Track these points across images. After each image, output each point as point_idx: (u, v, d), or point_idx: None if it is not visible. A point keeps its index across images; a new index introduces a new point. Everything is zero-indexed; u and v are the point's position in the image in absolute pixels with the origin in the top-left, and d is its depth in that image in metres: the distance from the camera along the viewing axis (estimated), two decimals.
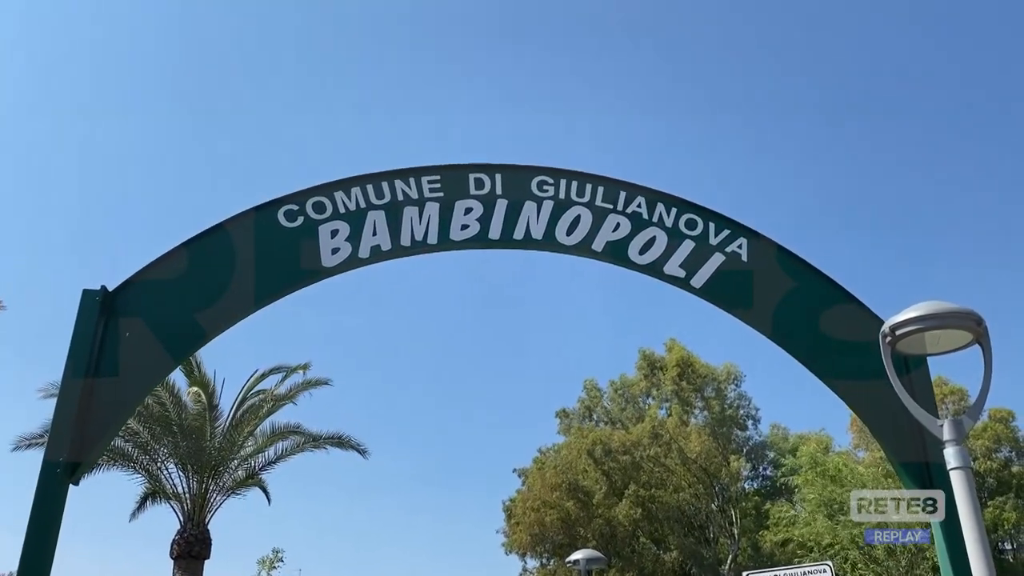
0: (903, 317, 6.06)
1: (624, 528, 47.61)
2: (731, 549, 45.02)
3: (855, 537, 22.65)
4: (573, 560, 13.08)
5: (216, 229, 7.94)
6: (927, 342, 6.10)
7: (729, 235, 7.89)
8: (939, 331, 5.96)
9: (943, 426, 5.88)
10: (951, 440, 5.84)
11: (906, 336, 6.03)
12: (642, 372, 56.83)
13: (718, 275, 7.81)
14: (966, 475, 5.74)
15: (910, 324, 6.08)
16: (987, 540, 5.96)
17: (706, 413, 52.45)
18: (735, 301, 7.89)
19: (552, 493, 48.06)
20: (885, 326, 6.10)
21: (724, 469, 48.70)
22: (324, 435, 23.25)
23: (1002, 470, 47.54)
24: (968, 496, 5.72)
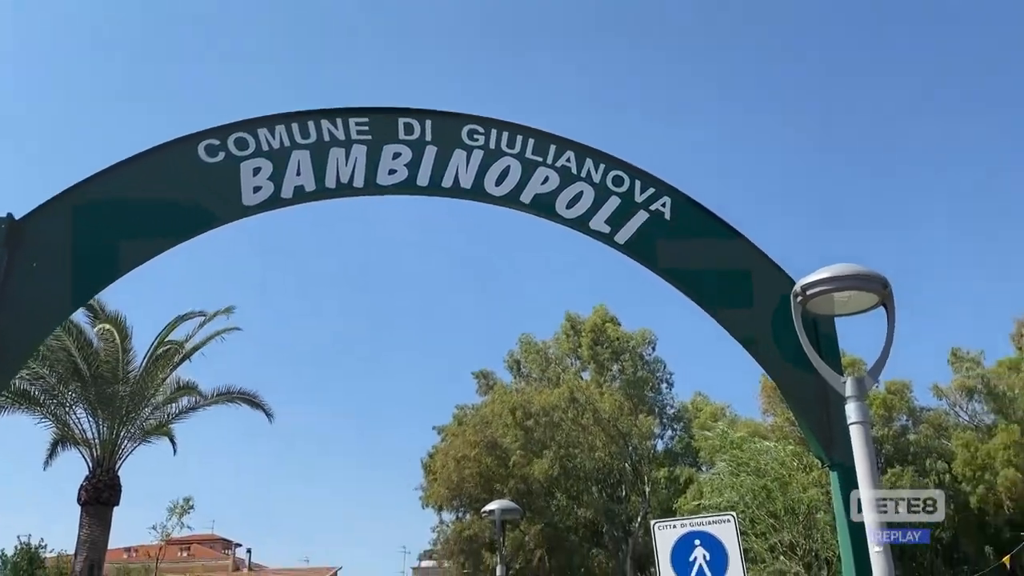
0: (814, 278, 6.24)
1: (540, 485, 48.49)
2: (642, 507, 46.38)
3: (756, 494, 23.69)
4: (488, 510, 13.23)
5: (132, 160, 7.62)
6: (836, 303, 6.30)
7: (654, 193, 8.00)
8: (847, 292, 6.16)
9: (846, 383, 6.10)
10: (853, 396, 6.08)
11: (816, 296, 6.20)
12: (565, 334, 57.67)
13: (641, 232, 7.92)
14: (864, 429, 6.00)
15: (820, 285, 6.26)
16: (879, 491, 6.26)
17: (623, 376, 53.62)
18: (657, 258, 8.03)
19: (471, 450, 48.54)
20: (796, 286, 6.28)
21: (635, 429, 49.97)
22: (236, 390, 22.82)
23: (898, 438, 50.14)
24: (865, 449, 5.98)
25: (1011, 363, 49.92)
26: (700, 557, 8.02)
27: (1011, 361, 49.99)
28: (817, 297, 6.23)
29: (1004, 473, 44.04)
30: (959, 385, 51.37)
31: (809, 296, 6.23)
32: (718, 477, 25.94)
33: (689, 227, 7.98)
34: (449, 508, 49.79)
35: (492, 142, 8.00)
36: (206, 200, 7.61)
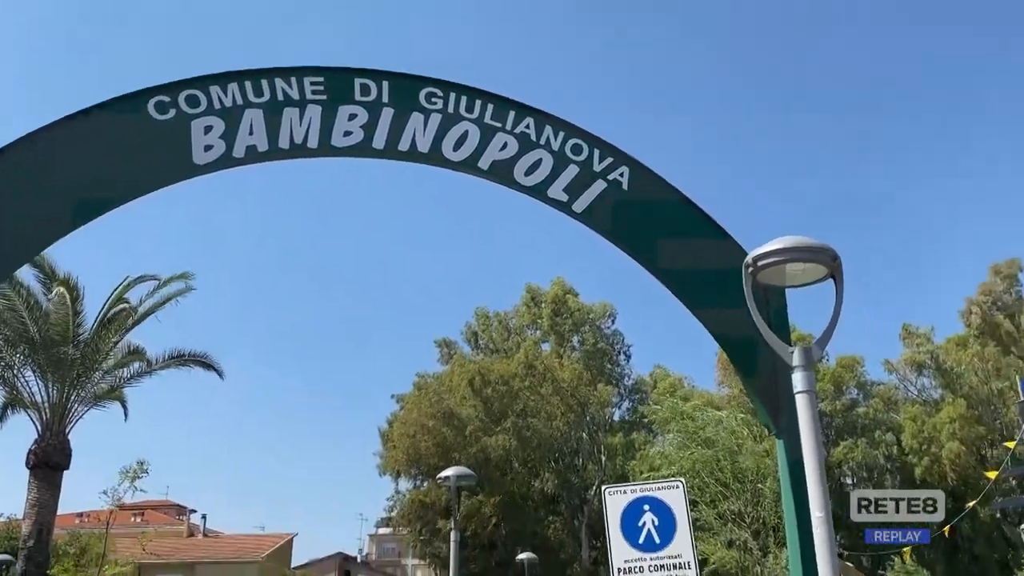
0: (765, 249, 6.28)
1: (498, 454, 48.84)
2: (598, 475, 47.00)
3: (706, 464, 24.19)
4: (443, 477, 13.27)
5: (79, 116, 7.39)
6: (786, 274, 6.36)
7: (612, 163, 7.99)
8: (798, 264, 6.23)
9: (793, 353, 6.17)
10: (799, 366, 6.15)
11: (767, 267, 6.26)
12: (525, 305, 57.93)
13: (599, 201, 7.93)
14: (810, 399, 6.08)
15: (771, 256, 6.30)
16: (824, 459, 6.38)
17: (582, 347, 54.11)
18: (613, 229, 8.06)
19: (429, 419, 48.69)
20: (748, 257, 6.32)
21: (593, 398, 50.51)
22: (186, 353, 22.49)
23: (848, 411, 51.35)
24: (810, 418, 6.07)
25: (960, 340, 51.22)
26: (649, 522, 8.15)
27: (960, 338, 51.29)
28: (768, 268, 6.28)
29: (949, 446, 45.39)
30: (909, 360, 52.67)
31: (760, 267, 6.28)
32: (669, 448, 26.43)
33: (646, 197, 8.00)
34: (407, 476, 50.04)
35: (451, 106, 7.90)
36: (155, 158, 7.41)
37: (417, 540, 50.15)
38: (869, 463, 48.91)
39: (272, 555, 42.84)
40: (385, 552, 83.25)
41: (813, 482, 6.15)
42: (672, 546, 8.02)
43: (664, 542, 8.04)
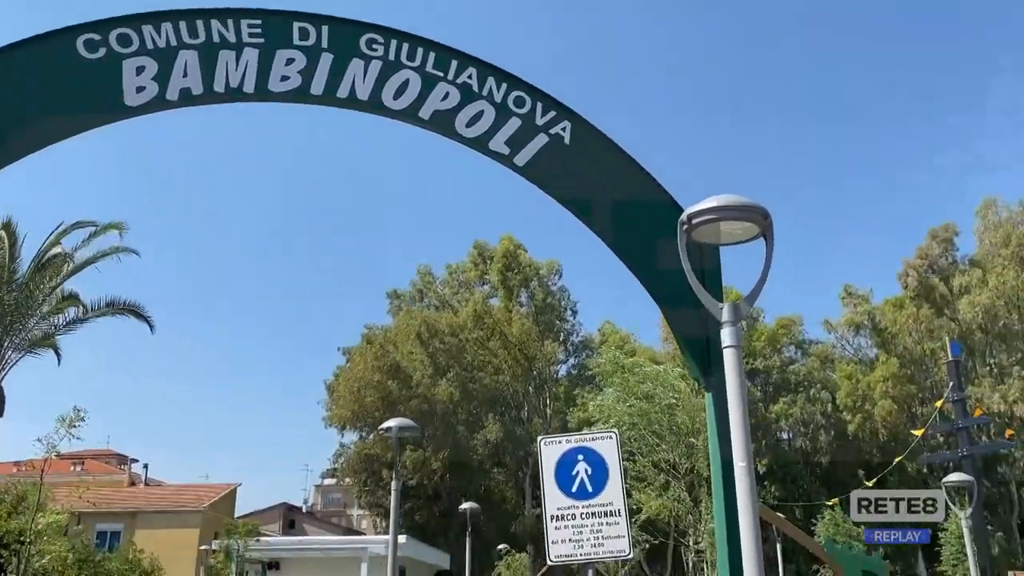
0: (699, 207, 6.36)
1: (444, 406, 49.17)
2: (543, 428, 47.64)
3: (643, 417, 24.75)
4: (385, 428, 13.32)
5: (2, 52, 7.07)
6: (720, 232, 6.47)
7: (555, 117, 7.96)
8: (731, 222, 6.34)
9: (723, 309, 6.29)
10: (728, 321, 6.27)
11: (701, 225, 6.35)
12: (473, 261, 58.01)
13: (540, 155, 7.91)
14: (737, 353, 6.22)
15: (705, 214, 6.38)
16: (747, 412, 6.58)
17: (530, 303, 54.50)
18: (554, 183, 8.07)
19: (375, 372, 48.70)
20: (683, 215, 6.40)
21: (540, 353, 51.03)
22: (120, 302, 22.10)
23: (786, 368, 52.77)
24: (736, 372, 6.21)
25: (897, 301, 52.75)
26: (582, 471, 8.33)
27: (897, 300, 52.82)
28: (702, 226, 6.37)
29: (881, 404, 47.04)
30: (847, 320, 54.17)
31: (694, 225, 6.37)
32: (609, 400, 26.92)
33: (587, 153, 8.00)
34: (352, 428, 50.17)
35: (391, 53, 7.76)
36: (84, 98, 7.17)
37: (362, 491, 50.48)
38: (806, 419, 50.48)
39: (215, 505, 42.67)
40: (330, 502, 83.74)
41: (737, 433, 6.34)
42: (604, 494, 8.23)
43: (596, 490, 8.25)
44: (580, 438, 8.63)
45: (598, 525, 8.16)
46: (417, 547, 34.69)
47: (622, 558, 8.60)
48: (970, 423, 24.53)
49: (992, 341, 47.24)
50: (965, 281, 48.70)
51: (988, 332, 46.70)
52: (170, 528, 39.84)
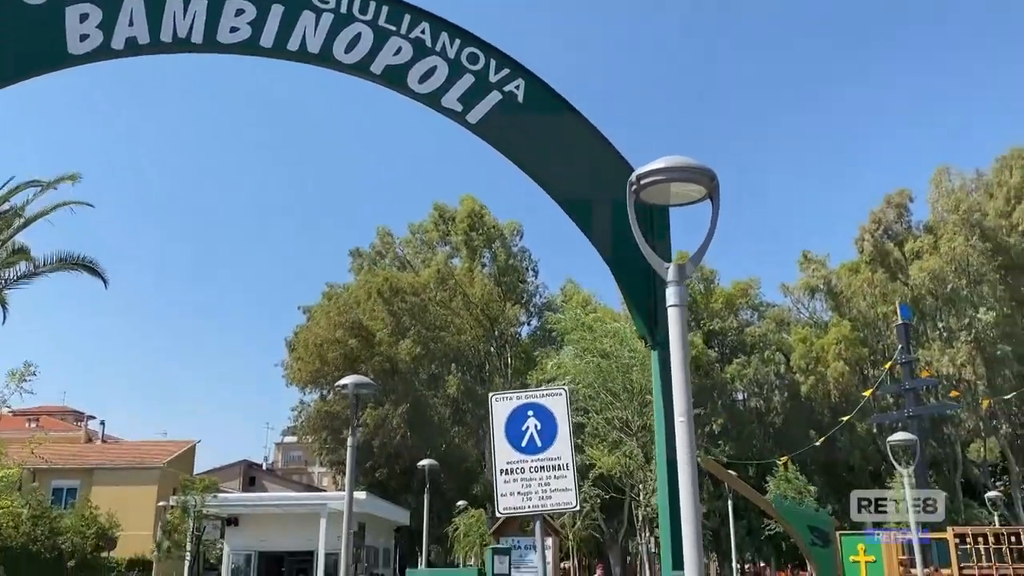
0: (648, 168, 6.43)
1: (405, 364, 49.27)
2: (504, 388, 48.06)
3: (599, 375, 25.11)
4: (341, 385, 13.37)
5: None
6: (667, 193, 6.56)
7: (508, 75, 7.92)
8: (679, 184, 6.43)
9: (668, 269, 6.40)
10: (673, 281, 6.38)
11: (650, 186, 6.43)
12: (434, 222, 57.85)
13: (493, 113, 7.89)
14: (681, 312, 6.34)
15: (653, 175, 6.46)
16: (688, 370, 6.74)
17: (492, 264, 54.57)
18: (506, 141, 8.07)
19: (336, 330, 48.57)
20: (633, 175, 6.47)
21: (502, 314, 51.26)
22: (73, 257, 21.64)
23: (741, 330, 53.62)
24: (680, 331, 6.34)
25: (852, 266, 53.73)
26: (532, 427, 8.48)
27: (853, 264, 53.80)
28: (651, 187, 6.45)
29: (834, 366, 48.11)
30: (804, 284, 55.13)
31: (643, 186, 6.44)
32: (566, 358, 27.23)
33: (540, 112, 8.00)
34: (312, 386, 50.09)
35: (343, 6, 7.63)
36: (27, 45, 6.99)
37: (323, 448, 50.62)
38: (760, 380, 51.45)
39: (174, 461, 42.55)
40: (291, 460, 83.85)
41: (678, 389, 6.49)
42: (552, 449, 8.39)
43: (545, 445, 8.40)
44: (530, 394, 8.77)
45: (546, 479, 8.34)
46: (377, 504, 34.99)
47: (569, 510, 8.83)
48: (917, 384, 25.28)
49: (941, 306, 48.42)
50: (917, 246, 49.72)
51: (937, 297, 47.84)
52: (128, 485, 39.67)
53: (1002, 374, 46.42)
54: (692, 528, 4.26)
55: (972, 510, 45.78)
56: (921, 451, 23.15)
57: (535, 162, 8.05)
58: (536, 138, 8.02)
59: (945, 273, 46.96)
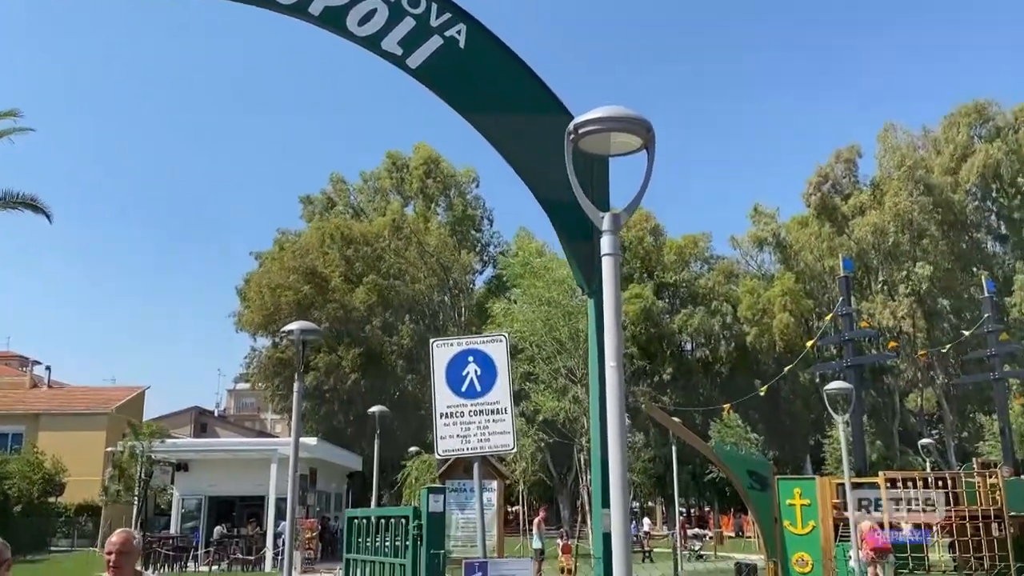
0: (586, 117, 6.49)
1: (359, 313, 49.19)
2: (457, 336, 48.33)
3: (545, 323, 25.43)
4: (287, 331, 13.34)
5: None
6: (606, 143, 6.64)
7: (450, 19, 7.85)
8: (616, 134, 6.51)
9: (603, 218, 6.51)
10: (608, 231, 6.49)
11: (588, 135, 6.50)
12: (387, 169, 57.31)
13: (434, 58, 7.83)
14: (614, 261, 6.47)
15: (591, 124, 6.52)
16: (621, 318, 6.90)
17: (448, 212, 54.34)
18: (447, 87, 8.03)
19: (289, 276, 48.20)
20: (571, 124, 6.52)
21: (457, 263, 51.29)
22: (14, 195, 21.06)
23: (692, 282, 54.48)
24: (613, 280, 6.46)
25: (802, 219, 54.70)
26: (472, 372, 8.66)
27: (802, 218, 54.77)
28: (588, 136, 6.52)
29: (780, 317, 49.25)
30: (752, 237, 56.02)
31: (581, 135, 6.51)
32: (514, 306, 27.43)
33: (482, 58, 7.96)
34: (264, 332, 49.78)
35: None
36: None
37: (275, 395, 50.57)
38: (706, 330, 52.51)
39: (123, 407, 42.16)
40: (243, 407, 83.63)
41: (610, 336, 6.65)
42: (491, 393, 8.60)
43: (484, 390, 8.60)
44: (470, 341, 8.94)
45: (485, 422, 8.55)
46: (329, 449, 35.19)
47: (506, 452, 9.06)
48: (856, 335, 26.05)
49: (883, 260, 49.69)
50: (861, 201, 50.76)
51: (880, 251, 49.06)
52: (76, 431, 39.30)
53: (940, 327, 48.06)
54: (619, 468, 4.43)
55: (908, 457, 47.64)
56: (857, 400, 23.96)
57: (475, 109, 8.04)
58: (477, 85, 8.00)
59: (887, 228, 48.10)
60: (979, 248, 52.51)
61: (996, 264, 50.96)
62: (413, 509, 4.94)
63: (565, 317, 24.85)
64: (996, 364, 26.58)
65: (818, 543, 20.89)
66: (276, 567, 24.08)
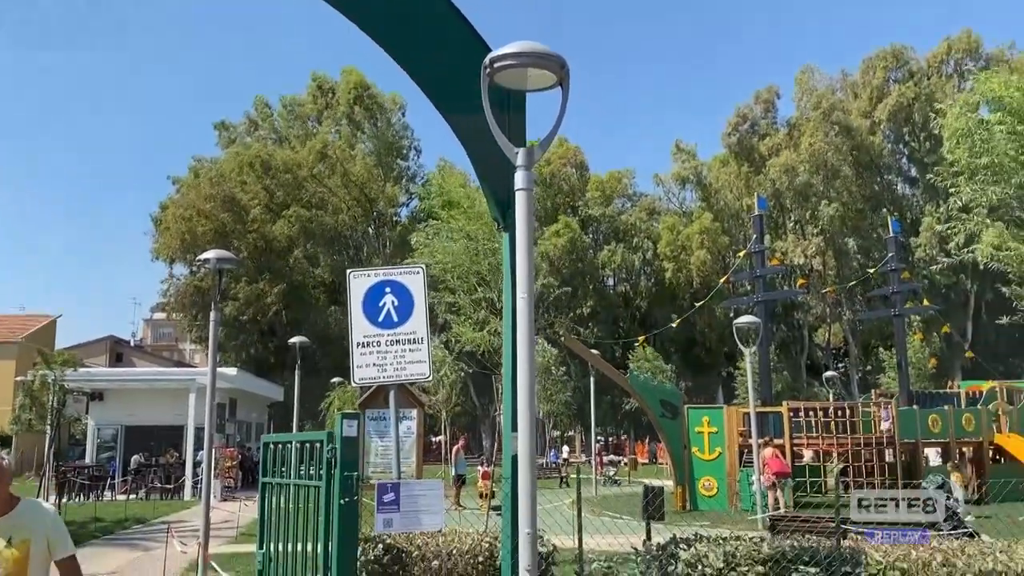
0: (501, 52, 6.56)
1: (280, 244, 48.43)
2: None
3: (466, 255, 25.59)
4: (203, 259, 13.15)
5: None
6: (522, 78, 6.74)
7: None
8: (533, 70, 6.61)
9: (518, 153, 6.65)
10: (522, 165, 6.64)
11: (504, 70, 6.58)
12: (312, 95, 55.78)
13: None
14: (528, 196, 6.64)
15: (507, 59, 6.59)
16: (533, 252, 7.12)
17: (375, 140, 53.41)
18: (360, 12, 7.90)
19: (207, 203, 46.95)
20: (486, 59, 6.58)
21: (382, 194, 50.74)
22: None
23: (615, 218, 55.25)
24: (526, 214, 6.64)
25: (723, 159, 55.74)
26: (389, 303, 8.80)
27: (724, 157, 55.79)
28: (505, 71, 6.60)
29: (697, 254, 50.50)
30: (675, 174, 56.92)
31: (497, 69, 6.59)
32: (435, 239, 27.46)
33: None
34: (182, 261, 48.65)
35: None
36: None
37: (193, 325, 49.70)
38: (628, 266, 53.59)
39: (33, 336, 40.88)
40: (161, 337, 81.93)
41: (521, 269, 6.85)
42: (408, 324, 8.77)
43: (402, 320, 8.77)
44: (388, 272, 9.05)
45: (401, 351, 8.75)
46: (249, 380, 35.00)
47: (422, 380, 9.28)
48: (767, 272, 27.03)
49: (796, 199, 51.20)
50: (778, 142, 51.98)
51: (793, 190, 50.50)
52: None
53: (849, 265, 50.05)
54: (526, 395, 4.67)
55: (813, 388, 49.98)
56: (766, 333, 25.05)
57: (391, 36, 7.93)
58: (392, 11, 7.91)
59: (797, 168, 49.45)
60: (891, 189, 54.50)
61: (906, 206, 53.04)
62: (328, 433, 5.11)
63: (487, 251, 25.01)
64: (897, 301, 28.01)
65: (723, 468, 22.13)
66: (195, 496, 24.10)
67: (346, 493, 5.24)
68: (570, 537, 7.93)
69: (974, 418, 22.98)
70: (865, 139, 50.79)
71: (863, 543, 6.44)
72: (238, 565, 11.19)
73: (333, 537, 4.99)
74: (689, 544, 6.38)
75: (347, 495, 5.21)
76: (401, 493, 7.50)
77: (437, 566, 6.25)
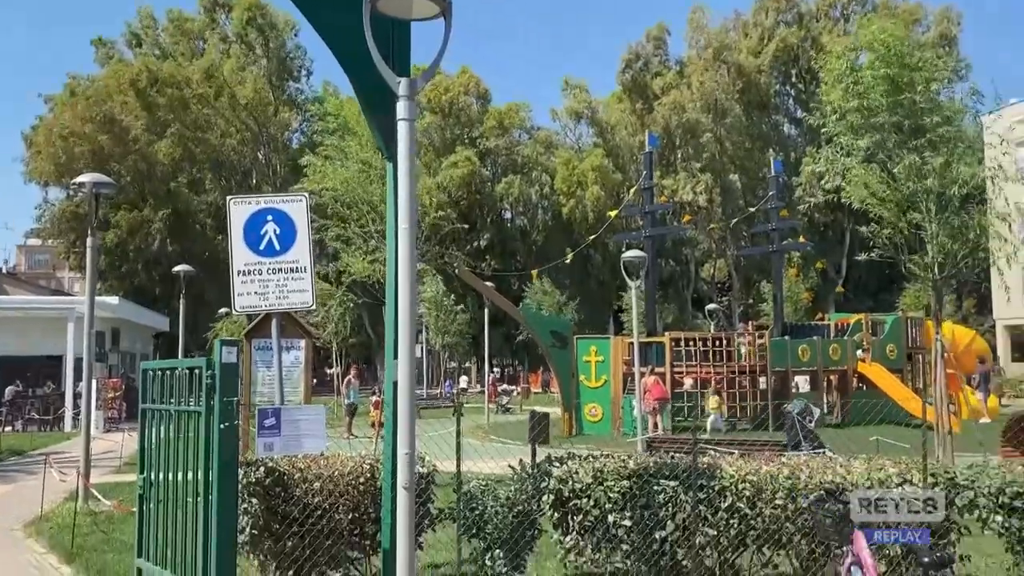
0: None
1: (164, 167, 46.44)
2: None
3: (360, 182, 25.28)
4: (78, 183, 12.67)
5: None
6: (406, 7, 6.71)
7: None
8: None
9: (400, 83, 6.68)
10: (404, 96, 6.67)
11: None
12: (204, 5, 53.01)
13: None
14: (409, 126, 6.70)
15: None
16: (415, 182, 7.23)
17: (265, 61, 51.39)
18: None
19: (84, 124, 44.38)
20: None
21: (274, 118, 49.10)
22: None
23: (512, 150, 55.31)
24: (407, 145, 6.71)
25: (618, 96, 56.31)
26: (271, 231, 8.73)
27: (619, 94, 56.37)
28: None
29: (591, 190, 51.29)
30: (569, 109, 57.22)
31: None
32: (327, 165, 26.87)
33: None
34: (57, 185, 46.05)
35: None
36: None
37: (70, 252, 47.39)
38: (525, 199, 53.96)
39: None
40: (36, 264, 77.79)
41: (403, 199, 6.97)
42: (291, 252, 8.75)
43: (284, 249, 8.73)
44: (270, 200, 8.96)
45: (284, 280, 8.74)
46: (132, 309, 33.83)
47: (305, 308, 9.32)
48: (654, 208, 27.77)
49: (685, 137, 52.42)
50: (669, 80, 52.85)
51: (683, 129, 51.65)
52: None
53: (735, 203, 51.84)
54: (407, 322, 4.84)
55: (697, 320, 52.06)
56: (652, 267, 25.90)
57: None
58: None
59: (687, 106, 50.52)
60: (778, 129, 56.38)
61: (791, 146, 55.03)
62: (207, 360, 5.15)
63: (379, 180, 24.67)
64: (776, 238, 29.33)
65: (608, 395, 23.09)
66: (76, 427, 23.44)
67: (226, 418, 5.32)
68: (455, 462, 8.23)
69: (840, 348, 24.58)
70: (754, 79, 52.16)
71: (721, 460, 7.00)
72: (121, 493, 11.09)
73: (214, 461, 5.08)
74: (562, 462, 6.75)
75: (227, 420, 5.30)
76: (282, 418, 7.64)
77: (319, 487, 6.43)
